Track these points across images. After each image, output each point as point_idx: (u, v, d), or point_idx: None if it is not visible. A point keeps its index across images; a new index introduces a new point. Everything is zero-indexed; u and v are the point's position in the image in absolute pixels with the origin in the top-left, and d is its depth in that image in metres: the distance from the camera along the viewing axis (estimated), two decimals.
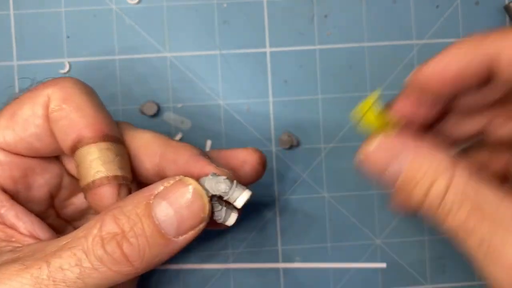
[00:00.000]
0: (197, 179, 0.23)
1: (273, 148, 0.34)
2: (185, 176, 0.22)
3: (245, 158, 0.26)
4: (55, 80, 0.25)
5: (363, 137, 0.34)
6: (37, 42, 0.33)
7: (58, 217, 0.28)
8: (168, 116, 0.34)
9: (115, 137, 0.24)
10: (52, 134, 0.24)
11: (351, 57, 0.34)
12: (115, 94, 0.33)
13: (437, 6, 0.35)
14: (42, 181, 0.26)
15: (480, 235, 0.20)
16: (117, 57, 0.33)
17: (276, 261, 0.34)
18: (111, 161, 0.23)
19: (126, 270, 0.21)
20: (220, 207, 0.23)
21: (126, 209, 0.21)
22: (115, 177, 0.23)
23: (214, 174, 0.23)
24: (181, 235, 0.22)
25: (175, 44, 0.34)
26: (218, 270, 0.34)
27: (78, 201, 0.28)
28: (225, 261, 0.34)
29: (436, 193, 0.21)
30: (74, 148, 0.24)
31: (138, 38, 0.33)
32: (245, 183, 0.25)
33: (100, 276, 0.21)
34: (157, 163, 0.25)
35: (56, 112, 0.24)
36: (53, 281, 0.21)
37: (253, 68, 0.34)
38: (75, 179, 0.27)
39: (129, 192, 0.24)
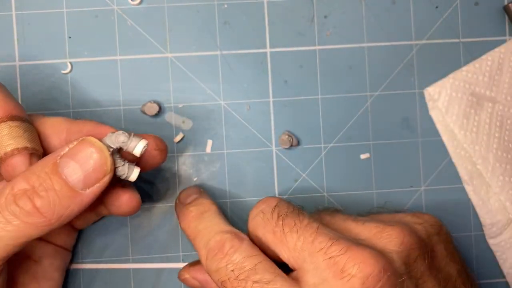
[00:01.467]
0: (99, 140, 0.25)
1: (273, 148, 0.34)
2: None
3: None
4: None
5: (363, 137, 0.34)
6: (39, 43, 0.33)
7: None
8: (169, 116, 0.34)
9: (23, 117, 0.26)
10: None
11: (351, 57, 0.34)
12: (117, 95, 0.33)
13: (437, 7, 0.35)
14: None
15: None
16: (118, 57, 0.34)
17: None
18: (20, 136, 0.25)
19: (39, 221, 0.23)
20: (122, 163, 0.26)
21: (35, 169, 0.24)
22: (25, 148, 0.25)
23: (113, 132, 0.26)
24: (88, 187, 0.24)
25: (176, 45, 0.34)
26: None
27: None
28: None
29: None
30: None
31: (139, 38, 0.34)
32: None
33: (14, 228, 0.23)
34: (64, 138, 0.27)
35: None
36: None
37: (253, 68, 0.34)
38: None
39: None
